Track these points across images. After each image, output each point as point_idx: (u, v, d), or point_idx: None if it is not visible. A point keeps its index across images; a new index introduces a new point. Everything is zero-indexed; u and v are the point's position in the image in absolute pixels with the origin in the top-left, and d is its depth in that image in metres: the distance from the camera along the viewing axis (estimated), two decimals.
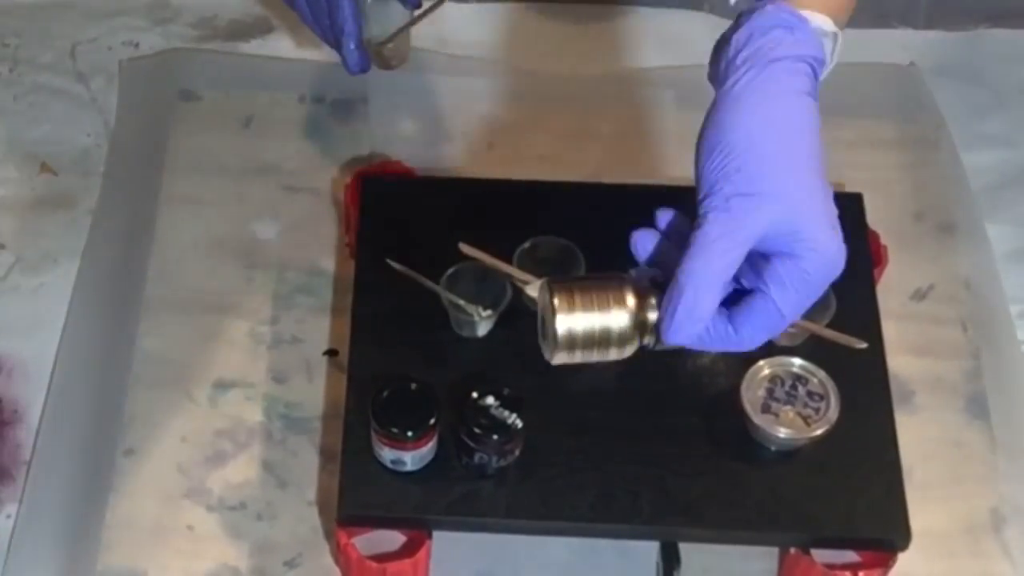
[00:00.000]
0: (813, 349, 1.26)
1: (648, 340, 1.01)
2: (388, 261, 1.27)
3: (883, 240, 1.39)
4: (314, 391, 1.35)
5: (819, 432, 1.21)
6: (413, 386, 1.19)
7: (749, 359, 1.25)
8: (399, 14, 1.31)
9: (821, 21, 1.00)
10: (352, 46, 1.28)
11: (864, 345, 1.23)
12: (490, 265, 1.27)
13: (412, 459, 1.19)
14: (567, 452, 1.22)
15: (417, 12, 1.32)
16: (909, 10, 1.65)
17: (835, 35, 1.02)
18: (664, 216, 1.02)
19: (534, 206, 1.35)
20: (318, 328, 1.39)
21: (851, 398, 1.25)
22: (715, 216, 0.95)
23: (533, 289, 1.25)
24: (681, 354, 1.27)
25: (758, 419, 1.21)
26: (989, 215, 1.50)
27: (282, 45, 1.61)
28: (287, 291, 1.41)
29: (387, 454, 1.19)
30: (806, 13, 0.98)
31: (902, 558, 1.21)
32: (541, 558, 1.27)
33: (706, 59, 1.14)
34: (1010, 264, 1.47)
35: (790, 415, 1.22)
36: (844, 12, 1.04)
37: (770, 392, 1.23)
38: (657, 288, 1.00)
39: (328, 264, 1.43)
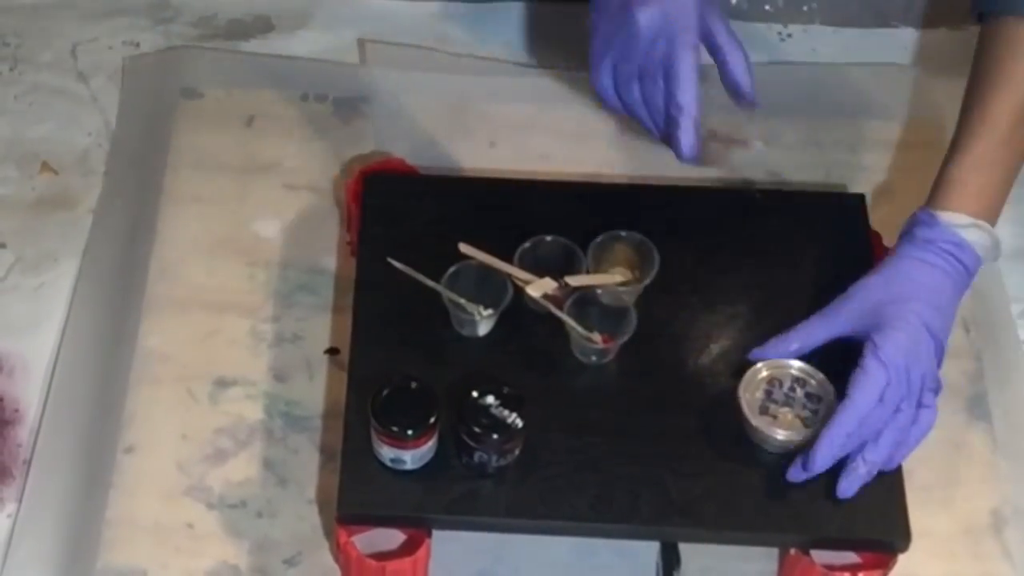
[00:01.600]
0: (813, 350, 1.27)
1: None
2: (389, 260, 1.27)
3: (885, 241, 1.39)
4: (315, 389, 1.35)
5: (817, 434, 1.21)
6: (413, 385, 1.19)
7: (748, 362, 1.25)
8: None
9: (976, 235, 1.22)
10: (691, 126, 1.22)
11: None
12: (490, 264, 1.27)
13: (412, 458, 1.19)
14: (567, 452, 1.22)
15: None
16: (909, 9, 1.65)
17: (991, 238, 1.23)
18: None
19: (535, 205, 1.35)
20: (319, 326, 1.39)
21: None
22: None
23: (534, 289, 1.26)
24: (681, 354, 1.28)
25: (756, 421, 1.21)
26: None
27: (281, 44, 1.61)
28: (288, 289, 1.41)
29: (387, 453, 1.19)
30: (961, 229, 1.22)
31: (902, 559, 1.21)
32: (541, 558, 1.27)
33: (706, 59, 1.15)
34: (1011, 264, 1.47)
35: (788, 417, 1.22)
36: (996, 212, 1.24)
37: (768, 394, 1.23)
38: None
39: (329, 263, 1.43)
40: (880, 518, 1.20)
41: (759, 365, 1.23)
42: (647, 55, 1.21)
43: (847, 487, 1.18)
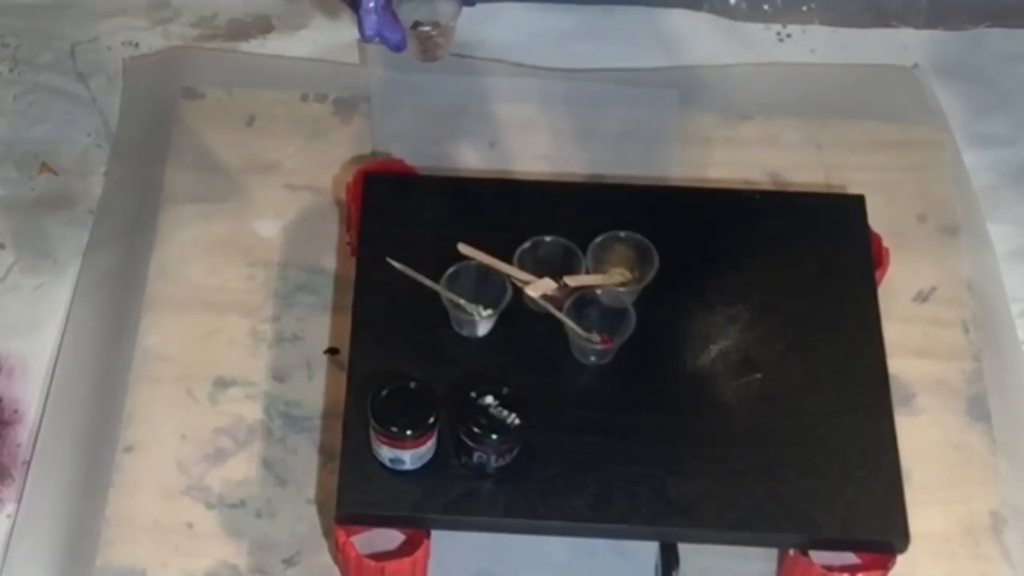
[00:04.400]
0: (809, 346, 1.27)
1: None
2: (389, 260, 1.27)
3: (885, 242, 1.39)
4: (314, 389, 1.35)
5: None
6: (412, 385, 1.19)
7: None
8: (448, 6, 1.27)
9: None
10: (371, 5, 1.22)
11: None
12: (490, 265, 1.27)
13: (411, 458, 1.19)
14: (566, 452, 1.22)
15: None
16: (909, 9, 1.65)
17: None
18: None
19: (534, 206, 1.35)
20: (319, 326, 1.39)
21: (851, 398, 1.25)
22: None
23: (533, 289, 1.26)
24: (680, 354, 1.28)
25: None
26: (989, 215, 1.50)
27: (281, 45, 1.61)
28: (288, 289, 1.41)
29: (386, 453, 1.19)
30: None
31: (901, 560, 1.21)
32: (540, 558, 1.27)
33: (706, 59, 1.14)
34: (1010, 264, 1.47)
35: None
36: None
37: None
38: None
39: (329, 262, 1.43)
40: (879, 519, 1.20)
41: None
42: None
43: None
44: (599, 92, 1.57)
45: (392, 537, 1.24)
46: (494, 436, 1.17)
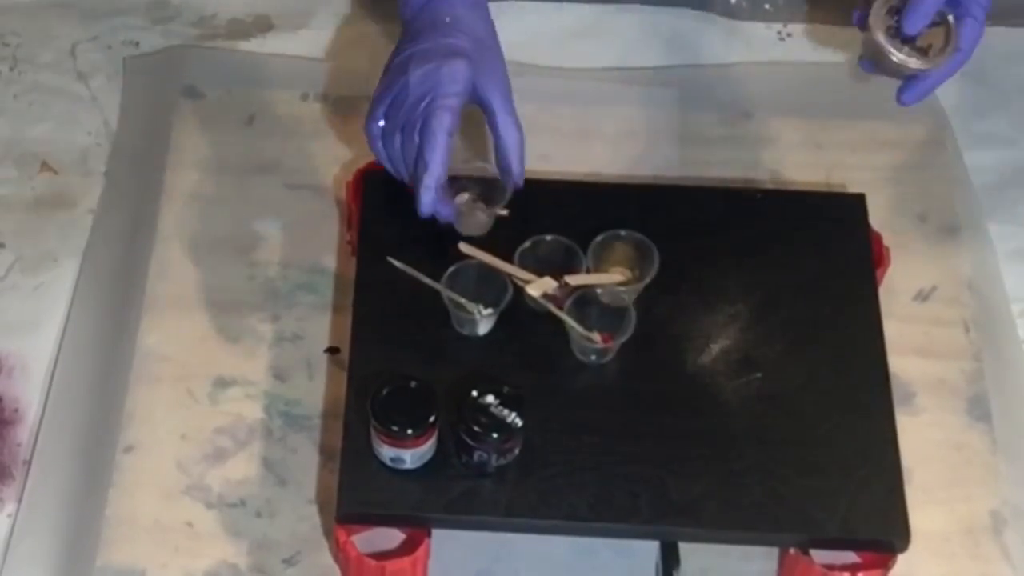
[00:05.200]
0: (809, 347, 1.26)
1: None
2: (389, 259, 1.27)
3: (886, 241, 1.39)
4: (315, 389, 1.35)
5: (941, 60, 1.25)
6: (413, 384, 1.19)
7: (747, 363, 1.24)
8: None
9: None
10: (430, 183, 1.23)
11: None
12: (490, 264, 1.27)
13: (411, 457, 1.19)
14: (567, 451, 1.22)
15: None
16: None
17: None
18: None
19: (535, 205, 1.35)
20: (319, 326, 1.39)
21: (851, 398, 1.25)
22: None
23: (534, 288, 1.26)
24: (680, 354, 1.28)
25: (890, 44, 1.25)
26: (989, 214, 1.50)
27: (281, 44, 1.61)
28: (288, 289, 1.41)
29: (386, 452, 1.19)
30: None
31: (901, 559, 1.21)
32: (541, 558, 1.27)
33: (706, 58, 1.14)
34: (1011, 264, 1.47)
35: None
36: None
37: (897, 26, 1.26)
38: None
39: (329, 262, 1.43)
40: (880, 518, 1.20)
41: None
42: (412, 110, 1.24)
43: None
44: (599, 92, 1.57)
45: (392, 536, 1.24)
46: (494, 435, 1.17)
